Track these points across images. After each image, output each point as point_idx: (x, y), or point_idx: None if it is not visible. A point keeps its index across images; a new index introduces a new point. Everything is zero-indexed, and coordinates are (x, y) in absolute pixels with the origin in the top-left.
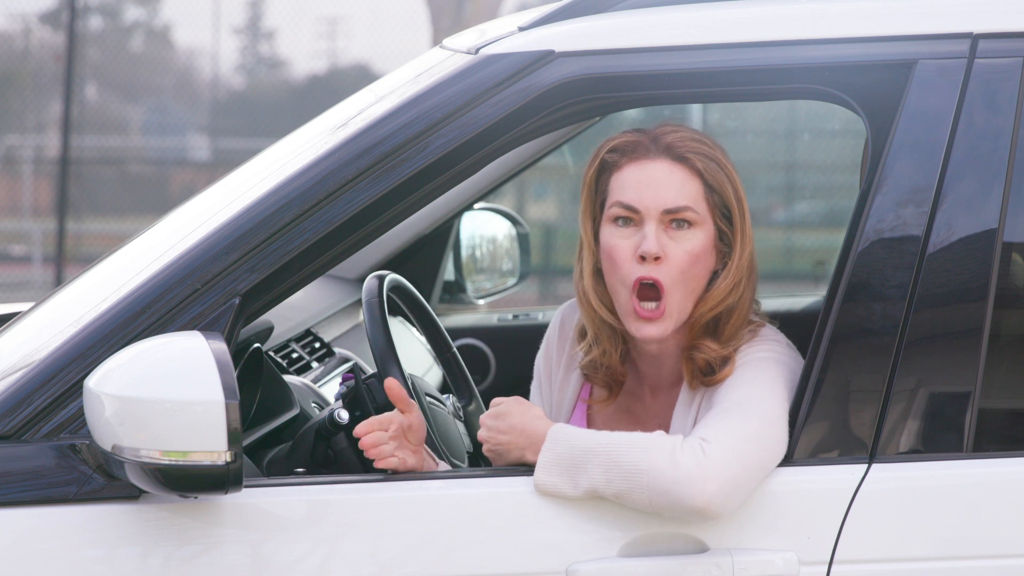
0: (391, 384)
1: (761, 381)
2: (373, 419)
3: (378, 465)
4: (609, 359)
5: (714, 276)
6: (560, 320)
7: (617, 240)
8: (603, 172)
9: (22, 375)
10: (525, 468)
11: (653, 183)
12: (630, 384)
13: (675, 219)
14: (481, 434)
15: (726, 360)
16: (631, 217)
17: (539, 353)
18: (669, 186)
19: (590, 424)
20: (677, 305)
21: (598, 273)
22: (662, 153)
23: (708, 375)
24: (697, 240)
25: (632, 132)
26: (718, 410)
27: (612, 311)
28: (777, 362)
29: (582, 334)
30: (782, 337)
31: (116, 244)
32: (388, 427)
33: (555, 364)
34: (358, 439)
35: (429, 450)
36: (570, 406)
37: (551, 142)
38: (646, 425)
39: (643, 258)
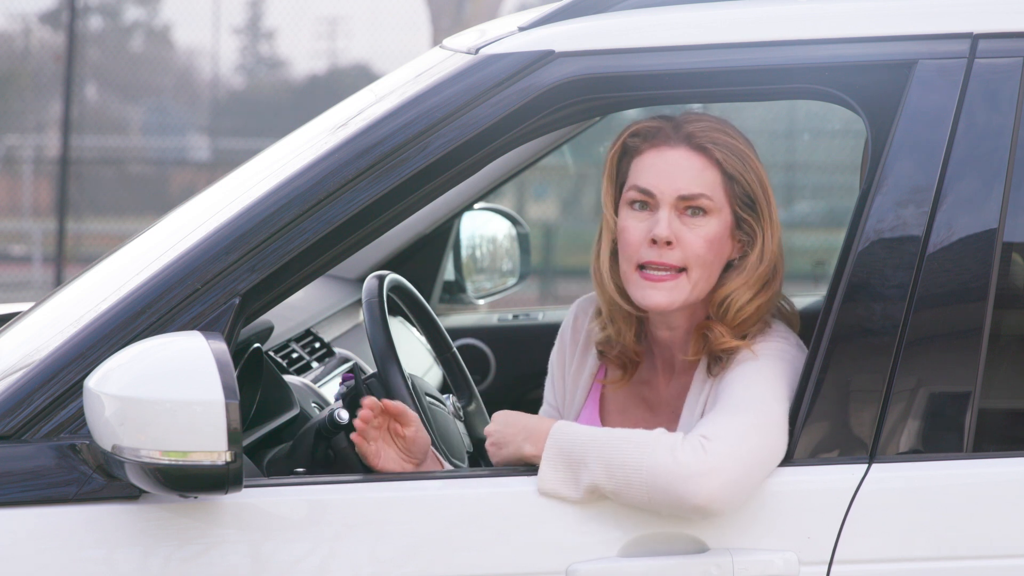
0: (388, 404)
1: (765, 380)
2: (376, 403)
3: (355, 439)
4: (623, 338)
5: (728, 266)
6: (574, 314)
7: (631, 222)
8: (624, 155)
9: (22, 375)
10: (525, 468)
11: (670, 170)
12: (644, 371)
13: (690, 206)
14: (488, 428)
15: (735, 350)
16: (647, 201)
17: (553, 349)
18: (686, 174)
19: (602, 410)
20: (692, 281)
21: (615, 254)
22: (682, 141)
23: (713, 349)
24: (711, 227)
25: (656, 118)
26: (720, 408)
27: (624, 294)
28: (782, 360)
29: (599, 312)
30: (792, 336)
31: (116, 244)
32: (376, 414)
33: (568, 356)
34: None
35: (439, 456)
36: (584, 390)
37: (551, 142)
38: (658, 413)
39: (654, 242)
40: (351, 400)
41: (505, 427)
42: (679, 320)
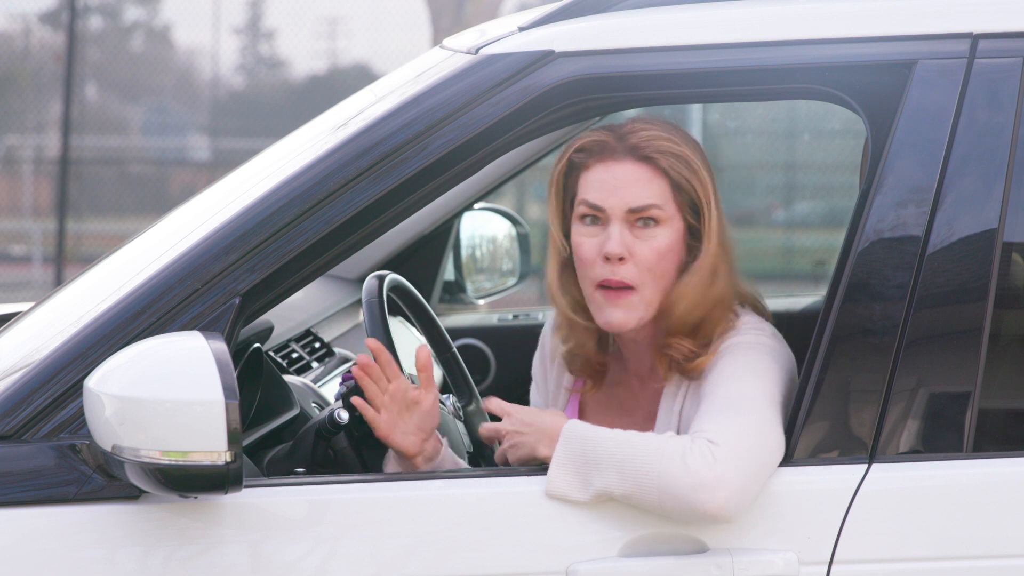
0: (422, 353)
1: (752, 374)
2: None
3: (356, 404)
4: (583, 349)
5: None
6: (552, 324)
7: (583, 238)
8: (571, 171)
9: (22, 375)
10: (525, 468)
11: (618, 183)
12: (618, 374)
13: (641, 217)
14: (504, 426)
15: (699, 355)
16: (597, 216)
17: (535, 356)
18: (634, 186)
19: (581, 414)
20: (646, 299)
21: (566, 269)
22: (627, 153)
23: (684, 369)
24: (663, 238)
25: (599, 130)
26: (715, 407)
27: (579, 307)
28: (764, 352)
29: (558, 327)
30: (766, 325)
31: (116, 244)
32: (390, 383)
33: (549, 363)
34: (358, 439)
35: (452, 452)
36: (565, 396)
37: (551, 142)
38: (635, 417)
39: (607, 258)
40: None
41: (521, 427)
42: (640, 330)
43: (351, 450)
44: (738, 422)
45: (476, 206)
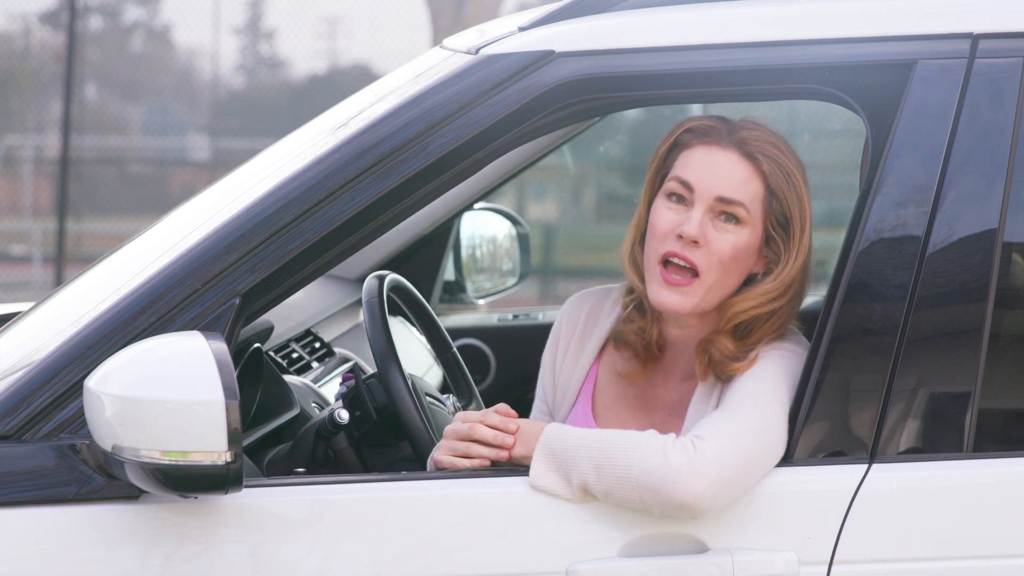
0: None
1: (765, 381)
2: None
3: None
4: (653, 329)
5: (750, 279)
6: (568, 312)
7: (663, 210)
8: (673, 148)
9: (22, 375)
10: (526, 468)
11: (716, 168)
12: (647, 369)
13: (724, 211)
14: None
15: (738, 359)
16: (684, 196)
17: (545, 349)
18: (730, 178)
19: (594, 406)
20: (707, 286)
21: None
22: (734, 145)
23: (719, 370)
24: (741, 237)
25: (712, 118)
26: (719, 408)
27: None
28: (786, 363)
29: (629, 291)
30: (805, 342)
31: (116, 244)
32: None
33: (561, 352)
34: (358, 439)
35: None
36: (576, 388)
37: (551, 142)
38: (652, 413)
39: (681, 237)
40: (351, 400)
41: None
42: (691, 320)
43: (351, 450)
44: (730, 422)
45: (476, 206)
